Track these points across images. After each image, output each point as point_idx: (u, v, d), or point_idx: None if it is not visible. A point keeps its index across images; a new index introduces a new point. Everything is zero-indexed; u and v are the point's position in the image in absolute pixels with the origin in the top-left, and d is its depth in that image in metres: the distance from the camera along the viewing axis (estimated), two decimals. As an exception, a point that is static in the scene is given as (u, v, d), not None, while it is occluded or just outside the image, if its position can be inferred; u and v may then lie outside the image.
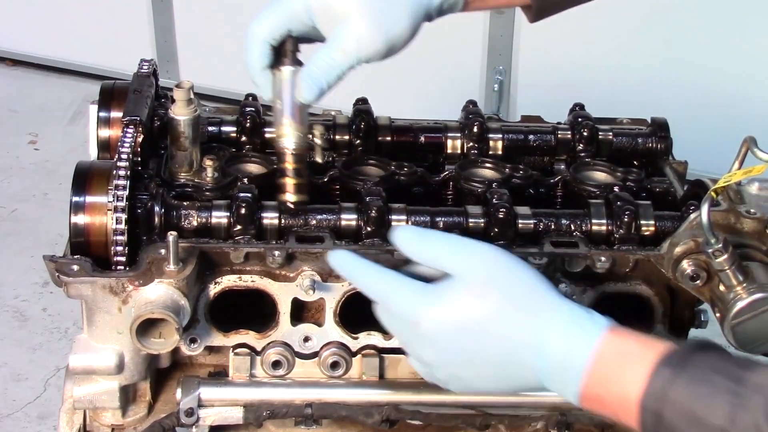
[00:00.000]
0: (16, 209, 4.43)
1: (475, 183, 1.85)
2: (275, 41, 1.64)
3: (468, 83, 4.49)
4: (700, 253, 1.65)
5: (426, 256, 1.46)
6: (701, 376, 1.29)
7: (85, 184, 1.69)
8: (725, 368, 1.29)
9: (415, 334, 1.43)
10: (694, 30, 4.20)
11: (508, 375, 1.42)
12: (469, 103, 2.07)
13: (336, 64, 1.60)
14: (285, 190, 1.67)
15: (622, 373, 1.34)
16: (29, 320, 3.84)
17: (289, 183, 1.67)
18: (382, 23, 1.60)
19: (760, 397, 1.25)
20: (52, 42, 5.31)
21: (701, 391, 1.28)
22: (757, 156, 1.60)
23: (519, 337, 1.39)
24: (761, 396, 1.25)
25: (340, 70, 1.61)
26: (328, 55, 1.61)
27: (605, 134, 2.02)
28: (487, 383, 1.44)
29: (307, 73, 1.61)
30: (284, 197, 1.66)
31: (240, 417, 1.76)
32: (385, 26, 1.60)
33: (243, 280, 1.70)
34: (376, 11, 1.60)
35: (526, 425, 1.81)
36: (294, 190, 1.66)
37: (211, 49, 5.01)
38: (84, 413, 1.80)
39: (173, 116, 1.78)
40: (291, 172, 1.66)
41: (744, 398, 1.25)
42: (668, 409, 1.29)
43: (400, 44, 1.63)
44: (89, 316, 1.68)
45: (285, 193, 1.67)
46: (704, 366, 1.30)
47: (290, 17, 1.63)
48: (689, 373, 1.30)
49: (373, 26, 1.60)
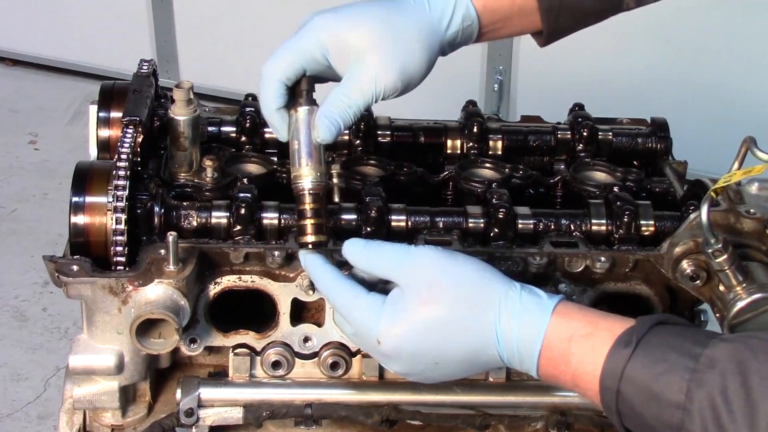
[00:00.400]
0: (16, 209, 4.43)
1: (475, 183, 1.86)
2: (290, 81, 1.61)
3: (468, 83, 4.49)
4: (700, 253, 1.65)
5: (373, 269, 1.51)
6: (657, 354, 1.32)
7: (84, 184, 1.68)
8: (681, 344, 1.32)
9: (379, 353, 1.49)
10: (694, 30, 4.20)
11: (476, 364, 1.47)
12: (469, 103, 2.07)
13: (352, 103, 1.58)
14: (305, 232, 1.59)
15: (575, 354, 1.39)
16: (29, 320, 3.84)
17: (308, 224, 1.59)
18: (398, 60, 1.58)
19: (716, 373, 1.27)
20: (52, 42, 5.31)
21: (657, 368, 1.31)
22: (757, 156, 1.60)
23: (477, 332, 1.44)
24: (716, 372, 1.27)
25: (357, 108, 1.58)
26: (344, 94, 1.58)
27: (605, 134, 2.02)
28: (457, 375, 1.50)
29: (324, 113, 1.57)
30: (304, 239, 1.59)
31: (240, 417, 1.76)
32: (401, 63, 1.58)
33: (243, 280, 1.70)
34: (391, 48, 1.57)
35: (526, 425, 1.81)
36: (312, 231, 1.58)
37: (211, 49, 5.01)
38: (84, 413, 1.80)
39: (173, 116, 1.78)
40: (309, 213, 1.59)
41: (699, 374, 1.28)
42: (626, 387, 1.33)
43: (417, 80, 1.61)
44: (89, 317, 1.68)
45: (305, 235, 1.59)
46: (660, 343, 1.33)
47: (304, 57, 1.60)
48: (645, 351, 1.33)
49: (390, 63, 1.57)
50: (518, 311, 1.43)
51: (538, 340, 1.41)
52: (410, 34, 1.59)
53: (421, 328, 1.45)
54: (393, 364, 1.49)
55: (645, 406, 1.32)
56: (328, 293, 1.54)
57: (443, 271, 1.46)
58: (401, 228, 1.74)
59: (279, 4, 4.77)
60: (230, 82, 4.87)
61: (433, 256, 1.48)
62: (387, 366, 1.52)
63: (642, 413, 1.33)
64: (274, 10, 4.77)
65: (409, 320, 1.45)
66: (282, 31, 5.01)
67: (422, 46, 1.60)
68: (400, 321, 1.45)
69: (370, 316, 1.48)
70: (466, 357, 1.46)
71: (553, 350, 1.41)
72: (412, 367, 1.48)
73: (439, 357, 1.46)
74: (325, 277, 1.54)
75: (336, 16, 1.60)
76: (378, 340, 1.47)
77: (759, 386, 1.24)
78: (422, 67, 1.61)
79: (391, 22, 1.59)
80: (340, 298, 1.52)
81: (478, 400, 1.78)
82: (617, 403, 1.35)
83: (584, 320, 1.41)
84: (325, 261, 1.56)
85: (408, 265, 1.47)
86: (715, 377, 1.27)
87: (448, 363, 1.47)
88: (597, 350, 1.37)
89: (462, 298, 1.44)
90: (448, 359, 1.46)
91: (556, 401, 1.78)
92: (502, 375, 1.78)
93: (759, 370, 1.25)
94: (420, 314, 1.45)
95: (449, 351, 1.45)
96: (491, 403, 1.78)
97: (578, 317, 1.42)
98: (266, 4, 4.81)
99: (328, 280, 1.53)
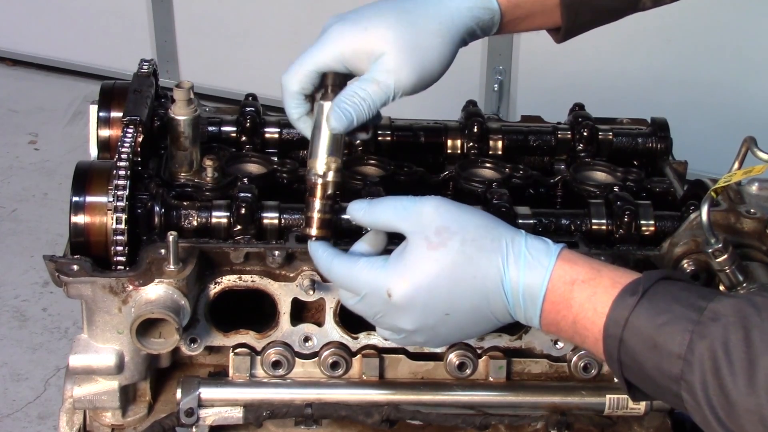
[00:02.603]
0: (16, 209, 4.43)
1: (475, 183, 1.86)
2: (308, 92, 1.62)
3: (468, 83, 4.49)
4: (700, 253, 1.65)
5: (379, 223, 1.51)
6: (663, 305, 1.33)
7: (85, 184, 1.69)
8: (687, 297, 1.33)
9: (390, 307, 1.47)
10: (694, 30, 4.20)
11: (483, 317, 1.46)
12: (469, 103, 2.07)
13: (368, 96, 1.56)
14: (311, 225, 1.59)
15: (576, 299, 1.40)
16: (29, 320, 3.84)
17: (315, 217, 1.59)
18: (416, 55, 1.57)
19: (719, 326, 1.28)
20: (52, 42, 5.31)
21: (661, 318, 1.32)
22: (757, 156, 1.60)
23: (485, 274, 1.43)
24: (719, 325, 1.28)
25: (372, 102, 1.57)
26: (360, 87, 1.57)
27: (605, 134, 2.02)
28: (465, 332, 1.49)
29: (336, 103, 1.57)
30: (309, 231, 1.59)
31: (240, 417, 1.76)
32: (419, 58, 1.57)
33: (243, 280, 1.70)
34: (409, 44, 1.57)
35: (526, 425, 1.81)
36: (318, 225, 1.59)
37: (211, 49, 5.01)
38: (84, 413, 1.80)
39: (173, 116, 1.78)
40: (318, 206, 1.60)
41: (702, 326, 1.29)
42: (629, 335, 1.34)
43: (437, 73, 1.61)
44: (89, 316, 1.68)
45: (311, 227, 1.59)
46: (666, 295, 1.34)
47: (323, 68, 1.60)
48: (650, 301, 1.34)
49: (409, 59, 1.57)
50: (524, 255, 1.43)
51: (543, 284, 1.42)
52: (429, 28, 1.59)
53: (432, 273, 1.44)
54: (405, 317, 1.46)
55: (646, 355, 1.33)
56: (330, 267, 1.53)
57: (450, 216, 1.46)
58: (401, 228, 1.74)
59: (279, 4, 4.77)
60: (230, 82, 4.88)
61: (439, 204, 1.48)
62: (398, 323, 1.48)
63: (642, 362, 1.33)
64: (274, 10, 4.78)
65: (420, 265, 1.44)
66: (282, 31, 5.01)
67: (442, 41, 1.59)
68: (411, 267, 1.45)
69: (376, 273, 1.47)
70: (475, 305, 1.44)
71: (556, 294, 1.41)
72: (425, 320, 1.46)
73: (450, 306, 1.45)
74: (325, 255, 1.54)
75: (354, 21, 1.59)
76: (389, 293, 1.45)
77: (760, 341, 1.25)
78: (442, 61, 1.60)
79: (409, 17, 1.58)
80: (341, 267, 1.51)
81: (478, 400, 1.78)
82: (619, 351, 1.35)
83: (588, 266, 1.42)
84: (328, 245, 1.56)
85: (414, 212, 1.47)
86: (717, 330, 1.28)
87: (459, 314, 1.45)
88: (599, 296, 1.38)
89: (470, 241, 1.44)
90: (458, 309, 1.45)
91: (556, 401, 1.78)
92: (502, 375, 1.78)
93: (761, 326, 1.26)
94: (430, 258, 1.44)
95: (459, 298, 1.44)
96: (491, 403, 1.78)
97: (582, 263, 1.42)
98: (266, 4, 4.81)
99: (328, 257, 1.53)
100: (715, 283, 1.63)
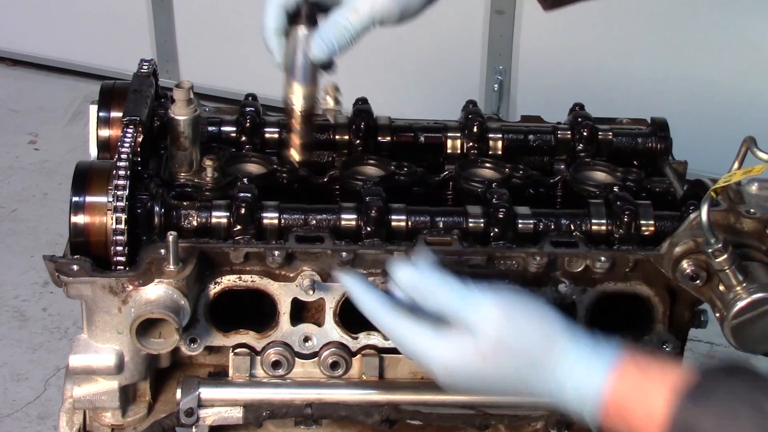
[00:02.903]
0: (16, 209, 4.43)
1: (475, 183, 1.86)
2: (290, 7, 1.66)
3: (468, 83, 4.49)
4: (700, 253, 1.65)
5: (429, 304, 1.46)
6: (727, 408, 1.29)
7: (84, 184, 1.69)
8: (750, 398, 1.29)
9: (428, 370, 1.45)
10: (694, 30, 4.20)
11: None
12: (469, 103, 2.07)
13: (349, 25, 1.61)
14: (290, 146, 1.73)
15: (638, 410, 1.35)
16: (29, 320, 3.84)
17: (294, 141, 1.72)
18: None
19: None
20: (52, 42, 5.30)
21: (726, 423, 1.28)
22: (757, 156, 1.60)
23: (532, 387, 1.42)
24: None
25: (354, 30, 1.62)
26: (341, 15, 1.62)
27: (605, 134, 2.02)
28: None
29: (319, 33, 1.63)
30: (289, 153, 1.73)
31: (240, 417, 1.76)
32: None
33: (243, 280, 1.70)
34: None
35: (525, 425, 1.81)
36: (298, 149, 1.72)
37: (211, 49, 5.01)
38: (84, 413, 1.80)
39: (173, 116, 1.78)
40: (296, 131, 1.71)
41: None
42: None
43: (415, 7, 1.64)
44: (89, 316, 1.68)
45: (290, 149, 1.73)
46: (729, 396, 1.30)
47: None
48: (714, 406, 1.29)
49: None
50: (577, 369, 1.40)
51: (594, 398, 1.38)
52: None
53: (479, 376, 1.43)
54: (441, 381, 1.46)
55: None
56: (379, 316, 1.48)
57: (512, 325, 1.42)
58: (401, 228, 1.74)
59: (279, 4, 4.77)
60: (230, 82, 4.87)
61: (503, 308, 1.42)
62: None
63: None
64: (274, 10, 4.77)
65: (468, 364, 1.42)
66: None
67: None
68: (458, 359, 1.42)
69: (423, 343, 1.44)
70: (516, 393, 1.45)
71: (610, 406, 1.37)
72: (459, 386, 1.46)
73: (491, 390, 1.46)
74: (369, 301, 1.48)
75: None
76: (429, 365, 1.44)
77: None
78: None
79: None
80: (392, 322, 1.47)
81: (478, 400, 1.78)
82: None
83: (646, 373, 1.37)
84: (365, 282, 1.50)
85: (472, 312, 1.42)
86: None
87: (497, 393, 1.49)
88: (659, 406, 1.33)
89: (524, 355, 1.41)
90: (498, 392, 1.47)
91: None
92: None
93: None
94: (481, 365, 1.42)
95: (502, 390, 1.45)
96: (491, 403, 1.78)
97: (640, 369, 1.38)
98: (266, 4, 4.81)
99: (373, 305, 1.48)
100: (715, 283, 1.63)
